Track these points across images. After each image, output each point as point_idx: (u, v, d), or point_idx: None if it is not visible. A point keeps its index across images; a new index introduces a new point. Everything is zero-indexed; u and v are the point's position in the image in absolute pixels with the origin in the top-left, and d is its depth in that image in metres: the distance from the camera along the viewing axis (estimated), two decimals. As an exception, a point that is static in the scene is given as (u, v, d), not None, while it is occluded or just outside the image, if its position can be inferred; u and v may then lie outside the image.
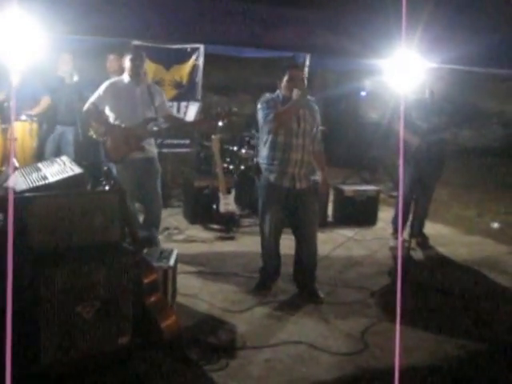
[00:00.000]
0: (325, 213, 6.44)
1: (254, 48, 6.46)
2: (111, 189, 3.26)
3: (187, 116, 6.99)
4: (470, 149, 10.70)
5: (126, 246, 3.06)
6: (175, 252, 3.94)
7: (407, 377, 3.10)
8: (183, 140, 7.43)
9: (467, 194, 8.58)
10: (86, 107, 4.54)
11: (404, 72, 4.33)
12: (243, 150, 6.89)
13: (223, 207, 5.97)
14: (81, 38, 5.34)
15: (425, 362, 3.33)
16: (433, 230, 6.15)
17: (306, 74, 4.11)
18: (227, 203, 6.01)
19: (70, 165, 3.54)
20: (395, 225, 5.80)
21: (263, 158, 4.14)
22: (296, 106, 3.98)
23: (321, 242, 4.54)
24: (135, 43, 6.27)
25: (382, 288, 4.45)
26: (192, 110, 7.06)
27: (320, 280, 4.40)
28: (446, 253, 5.64)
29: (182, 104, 7.31)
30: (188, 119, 6.80)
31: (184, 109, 7.24)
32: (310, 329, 3.70)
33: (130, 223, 3.22)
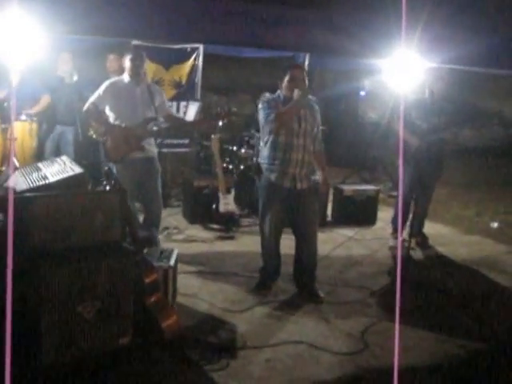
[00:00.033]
0: (324, 212, 6.45)
1: (254, 48, 6.47)
2: (112, 189, 3.26)
3: (187, 116, 6.99)
4: (470, 148, 10.72)
5: (127, 246, 3.06)
6: (176, 252, 3.94)
7: (407, 376, 3.11)
8: (182, 140, 7.43)
9: (467, 194, 8.58)
10: (86, 107, 4.53)
11: (403, 72, 4.33)
12: (243, 150, 6.89)
13: (223, 207, 5.97)
14: (80, 38, 5.35)
15: (425, 362, 3.33)
16: (432, 229, 6.15)
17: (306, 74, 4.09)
18: (227, 203, 6.01)
19: (70, 165, 3.54)
20: (395, 224, 5.80)
21: (264, 157, 4.13)
22: (297, 106, 3.97)
23: (320, 242, 4.54)
24: (134, 43, 6.27)
25: (382, 288, 4.45)
26: (192, 110, 7.06)
27: (320, 279, 4.41)
28: (445, 252, 5.64)
29: (182, 104, 7.32)
30: (188, 119, 6.80)
31: (183, 108, 7.25)
32: (310, 328, 3.70)
33: (130, 223, 3.22)
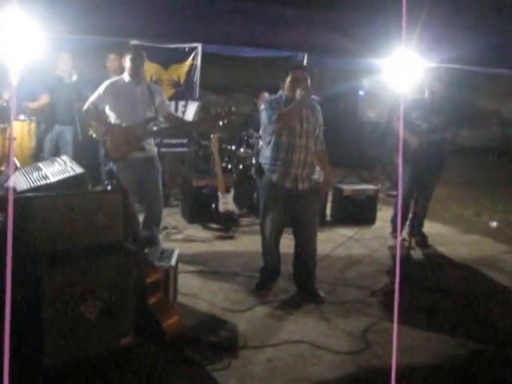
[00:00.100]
0: (324, 212, 6.46)
1: (253, 47, 6.47)
2: (114, 188, 3.26)
3: (186, 115, 6.98)
4: (468, 148, 10.73)
5: (129, 246, 3.06)
6: (176, 252, 3.94)
7: (410, 376, 3.12)
8: (181, 139, 7.42)
9: (466, 193, 8.60)
10: (86, 107, 4.52)
11: (402, 71, 4.34)
12: (242, 150, 6.89)
13: (222, 206, 5.97)
14: (80, 38, 5.35)
15: (427, 361, 3.34)
16: (432, 229, 6.16)
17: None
18: (226, 202, 6.01)
19: (70, 164, 3.53)
20: (394, 224, 5.81)
21: (266, 158, 4.12)
22: (300, 107, 3.96)
23: (320, 242, 4.54)
24: (133, 43, 6.26)
25: (383, 287, 4.46)
26: (191, 110, 7.05)
27: (320, 279, 4.41)
28: (445, 252, 5.65)
29: (180, 103, 7.29)
30: (187, 118, 6.78)
31: (182, 108, 7.23)
32: (311, 328, 3.70)
33: (131, 223, 3.21)
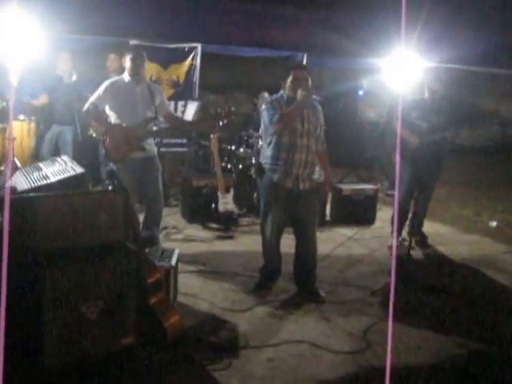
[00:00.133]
0: (323, 212, 6.46)
1: (253, 47, 6.46)
2: (115, 188, 3.26)
3: (186, 115, 6.98)
4: (467, 148, 10.74)
5: (130, 246, 3.06)
6: (177, 251, 3.94)
7: (409, 376, 3.12)
8: (181, 139, 7.42)
9: (465, 193, 8.60)
10: (86, 107, 4.52)
11: (402, 71, 4.34)
12: (241, 149, 6.89)
13: (222, 206, 5.97)
14: (80, 38, 5.34)
15: (427, 361, 3.34)
16: (431, 228, 6.17)
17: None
18: (226, 202, 6.00)
19: (71, 164, 3.53)
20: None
21: (267, 158, 4.11)
22: (301, 107, 3.96)
23: (320, 242, 4.54)
24: (132, 42, 6.26)
25: (383, 287, 4.45)
26: (191, 109, 7.05)
27: (320, 279, 4.41)
28: (445, 251, 5.65)
29: (179, 103, 7.30)
30: (187, 118, 6.78)
31: (181, 108, 7.23)
32: (311, 328, 3.71)
33: (133, 223, 3.21)
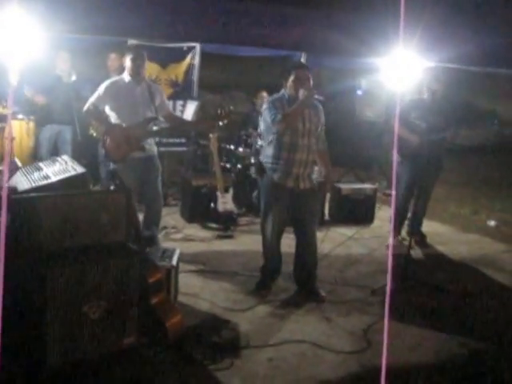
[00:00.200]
0: (322, 211, 6.46)
1: (252, 47, 6.46)
2: (117, 188, 3.25)
3: (185, 114, 6.97)
4: (466, 147, 10.76)
5: (132, 246, 3.05)
6: (177, 251, 3.94)
7: (412, 375, 3.13)
8: (180, 139, 7.41)
9: (463, 192, 8.62)
10: (86, 107, 4.51)
11: (401, 71, 4.34)
12: (240, 149, 6.88)
13: (221, 206, 5.96)
14: (79, 37, 5.33)
15: (427, 361, 3.35)
16: (430, 228, 6.18)
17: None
18: (225, 202, 6.00)
19: (72, 164, 3.53)
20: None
21: (267, 157, 4.11)
22: (302, 107, 3.96)
23: (319, 241, 4.53)
24: (131, 42, 6.24)
25: (383, 286, 4.46)
26: (190, 109, 7.05)
27: (320, 278, 4.41)
28: (444, 251, 5.66)
29: (178, 103, 7.29)
30: (185, 118, 6.78)
31: (180, 107, 7.22)
32: (312, 327, 3.71)
33: (134, 223, 3.21)
